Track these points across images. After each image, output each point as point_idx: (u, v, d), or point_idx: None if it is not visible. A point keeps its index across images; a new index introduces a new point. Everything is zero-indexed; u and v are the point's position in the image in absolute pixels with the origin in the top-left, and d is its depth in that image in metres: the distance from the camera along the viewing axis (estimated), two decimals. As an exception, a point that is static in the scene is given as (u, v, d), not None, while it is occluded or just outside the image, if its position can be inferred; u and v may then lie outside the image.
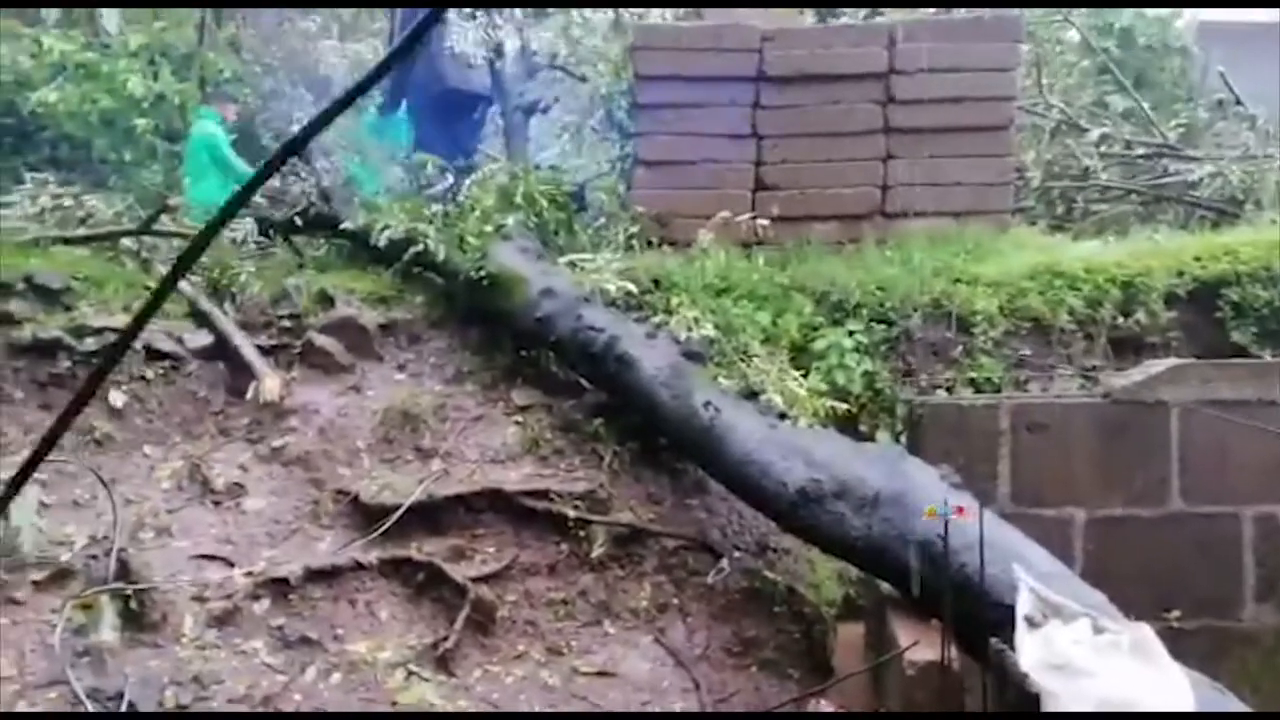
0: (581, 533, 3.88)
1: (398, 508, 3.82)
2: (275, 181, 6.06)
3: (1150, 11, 8.70)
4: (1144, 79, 7.93)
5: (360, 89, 1.48)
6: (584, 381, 4.36)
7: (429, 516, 3.88)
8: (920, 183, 5.31)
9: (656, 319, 4.46)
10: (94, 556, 3.54)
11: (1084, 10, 8.09)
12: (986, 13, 5.72)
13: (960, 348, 4.62)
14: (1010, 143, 5.53)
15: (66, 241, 4.97)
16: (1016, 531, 3.31)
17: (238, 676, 3.29)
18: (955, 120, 5.32)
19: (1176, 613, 3.87)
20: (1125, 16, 8.55)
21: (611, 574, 3.87)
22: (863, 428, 4.44)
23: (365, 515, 3.89)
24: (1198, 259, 4.83)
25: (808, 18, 7.86)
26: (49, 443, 1.49)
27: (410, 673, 3.42)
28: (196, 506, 3.90)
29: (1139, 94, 7.47)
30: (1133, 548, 4.06)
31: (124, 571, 3.48)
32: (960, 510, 3.08)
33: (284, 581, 3.59)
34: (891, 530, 3.33)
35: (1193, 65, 8.27)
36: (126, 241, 5.07)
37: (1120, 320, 4.69)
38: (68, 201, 5.24)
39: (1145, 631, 2.68)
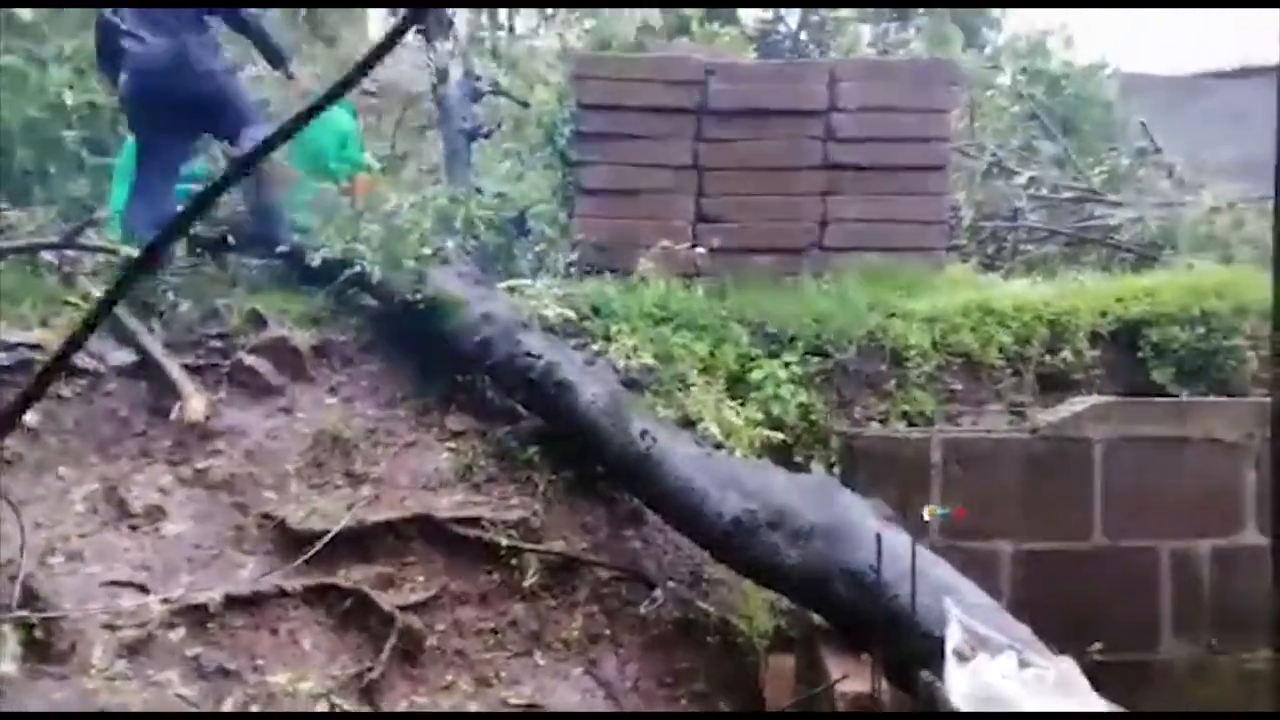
0: (514, 561, 3.83)
1: (325, 534, 3.72)
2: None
3: (1078, 62, 9.05)
4: (1070, 126, 8.22)
5: (330, 97, 1.41)
6: (520, 408, 4.32)
7: (357, 543, 3.79)
8: (858, 219, 5.40)
9: (595, 346, 4.45)
10: (-3, 582, 3.37)
11: (1014, 58, 8.38)
12: (923, 57, 5.87)
13: (894, 381, 4.69)
14: (945, 182, 5.67)
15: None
16: (946, 564, 3.36)
17: (147, 709, 3.15)
18: (893, 159, 5.43)
19: (1098, 646, 3.95)
20: (1054, 64, 8.88)
21: (543, 604, 3.82)
22: (797, 458, 4.47)
23: (291, 541, 3.78)
24: (1120, 300, 4.98)
25: (750, 53, 8.02)
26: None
27: (333, 704, 3.32)
28: (112, 531, 3.75)
29: (1065, 140, 7.73)
30: (1057, 581, 4.14)
31: (30, 598, 3.31)
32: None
33: (202, 609, 3.46)
34: (824, 562, 3.35)
35: (1115, 115, 8.61)
36: (47, 255, 4.90)
37: (1047, 358, 4.82)
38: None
39: (1069, 665, 2.73)
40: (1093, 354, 4.85)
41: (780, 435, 4.39)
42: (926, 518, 3.35)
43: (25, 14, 7.23)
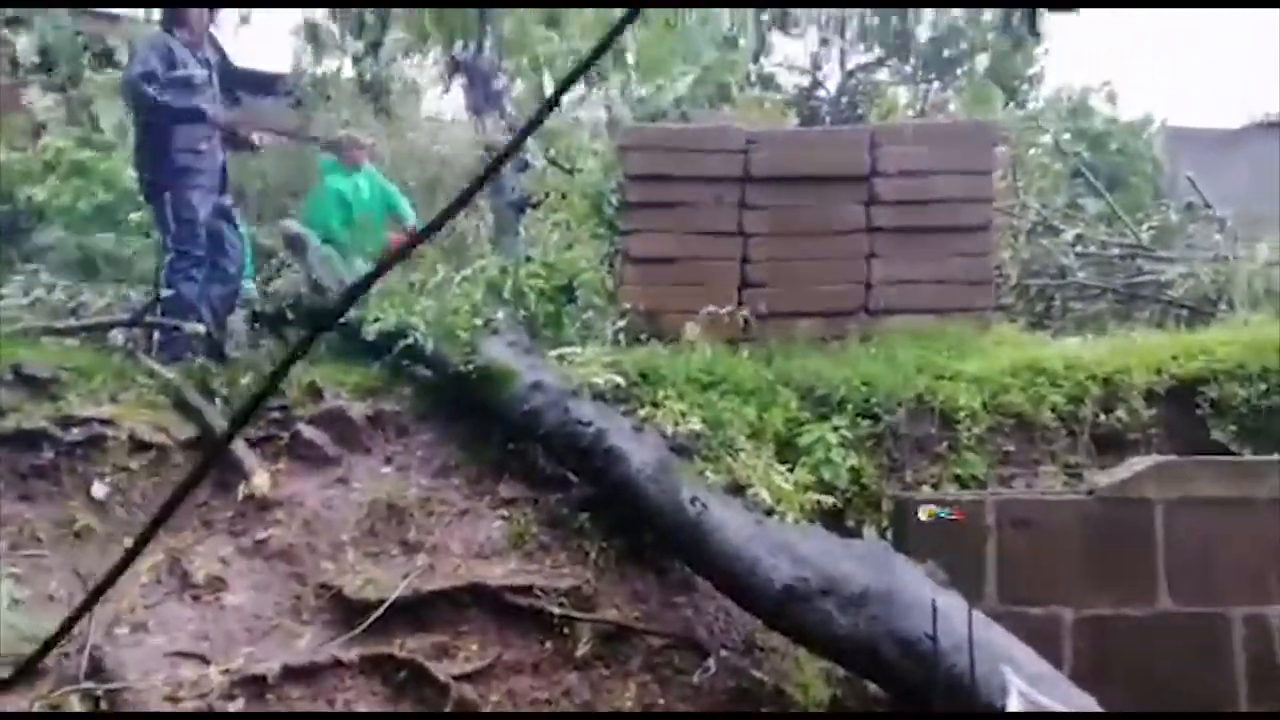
0: (566, 630, 3.83)
1: (381, 603, 3.76)
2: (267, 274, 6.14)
3: (1123, 117, 9.07)
4: (1116, 181, 8.20)
5: (513, 147, 1.43)
6: (571, 476, 4.35)
7: (412, 612, 3.82)
8: (903, 280, 5.42)
9: (643, 412, 4.48)
10: (66, 654, 3.45)
11: (1057, 117, 8.41)
12: (964, 119, 5.92)
13: (945, 443, 4.65)
14: (990, 242, 5.67)
15: (57, 332, 4.99)
16: (1005, 631, 3.30)
17: (210, 781, 3.19)
18: (936, 220, 5.46)
19: (1168, 716, 3.81)
20: (1097, 121, 8.89)
21: (596, 673, 3.80)
22: (849, 523, 4.44)
23: (348, 611, 3.82)
24: (1175, 357, 4.91)
25: (790, 118, 8.16)
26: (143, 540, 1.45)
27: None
28: (175, 601, 3.83)
29: (1111, 197, 7.71)
30: (1122, 648, 4.03)
31: (96, 669, 3.40)
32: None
33: (261, 680, 3.51)
34: (879, 629, 3.31)
35: (1162, 169, 8.57)
36: (117, 332, 5.10)
37: (1102, 417, 4.75)
38: (59, 294, 5.28)
39: (1137, 736, 2.66)
40: (1149, 413, 4.77)
41: (831, 500, 4.37)
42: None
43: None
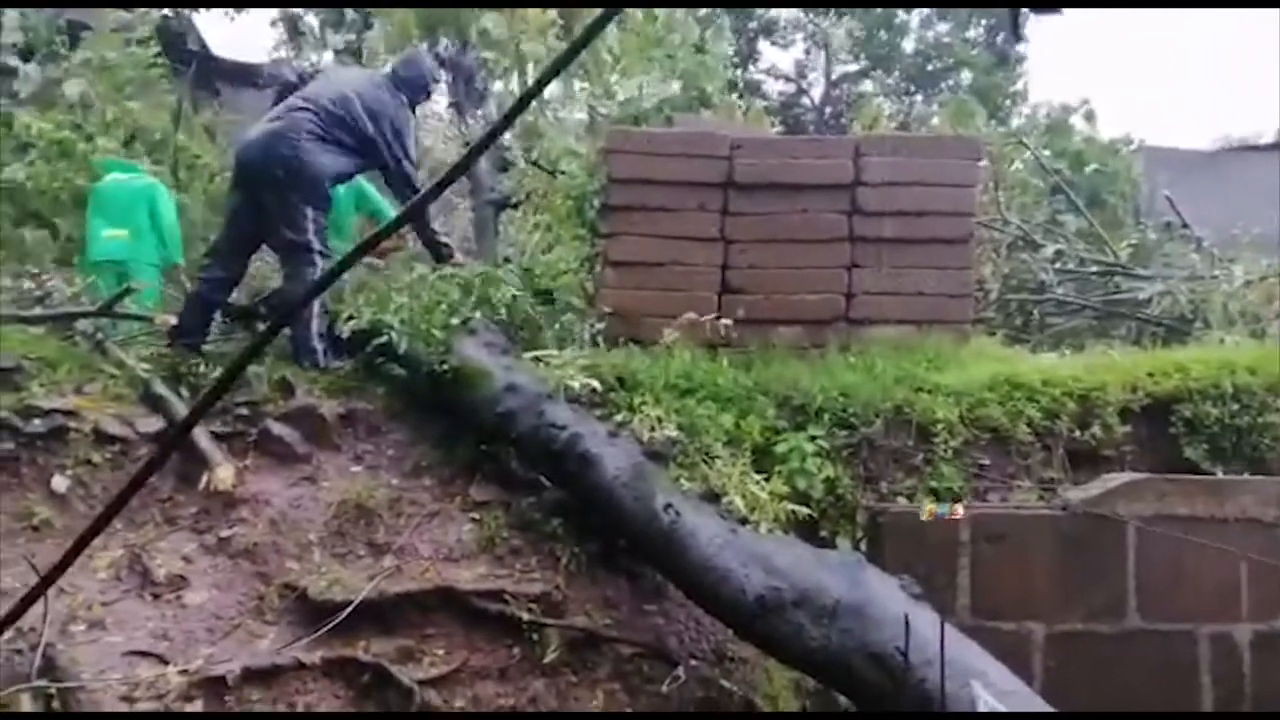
0: (535, 636, 3.77)
1: (346, 605, 3.69)
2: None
3: (1104, 136, 9.14)
4: (1095, 200, 8.25)
5: (508, 119, 1.38)
6: (544, 479, 4.30)
7: (378, 615, 3.76)
8: (884, 291, 5.41)
9: (620, 417, 4.44)
10: (18, 651, 3.36)
11: (1037, 133, 8.46)
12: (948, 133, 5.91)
13: (921, 456, 4.64)
14: (971, 256, 5.66)
15: (23, 320, 4.89)
16: (976, 646, 3.28)
17: (164, 784, 3.11)
18: (918, 232, 5.45)
19: (1136, 733, 3.82)
20: (1076, 141, 8.95)
21: (564, 680, 3.75)
22: (823, 533, 4.41)
23: (312, 612, 3.75)
24: (1151, 375, 4.92)
25: (774, 127, 8.15)
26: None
27: (349, 783, 3.26)
28: (134, 599, 3.74)
29: (1090, 214, 7.75)
30: (1092, 665, 4.03)
31: (49, 668, 3.30)
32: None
33: (220, 681, 3.43)
34: (850, 642, 3.28)
35: (1141, 189, 8.64)
36: (83, 323, 5.00)
37: (1077, 433, 4.75)
38: (26, 283, 5.17)
39: (1106, 756, 2.64)
40: (1124, 430, 4.77)
41: (806, 510, 4.33)
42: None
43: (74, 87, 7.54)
